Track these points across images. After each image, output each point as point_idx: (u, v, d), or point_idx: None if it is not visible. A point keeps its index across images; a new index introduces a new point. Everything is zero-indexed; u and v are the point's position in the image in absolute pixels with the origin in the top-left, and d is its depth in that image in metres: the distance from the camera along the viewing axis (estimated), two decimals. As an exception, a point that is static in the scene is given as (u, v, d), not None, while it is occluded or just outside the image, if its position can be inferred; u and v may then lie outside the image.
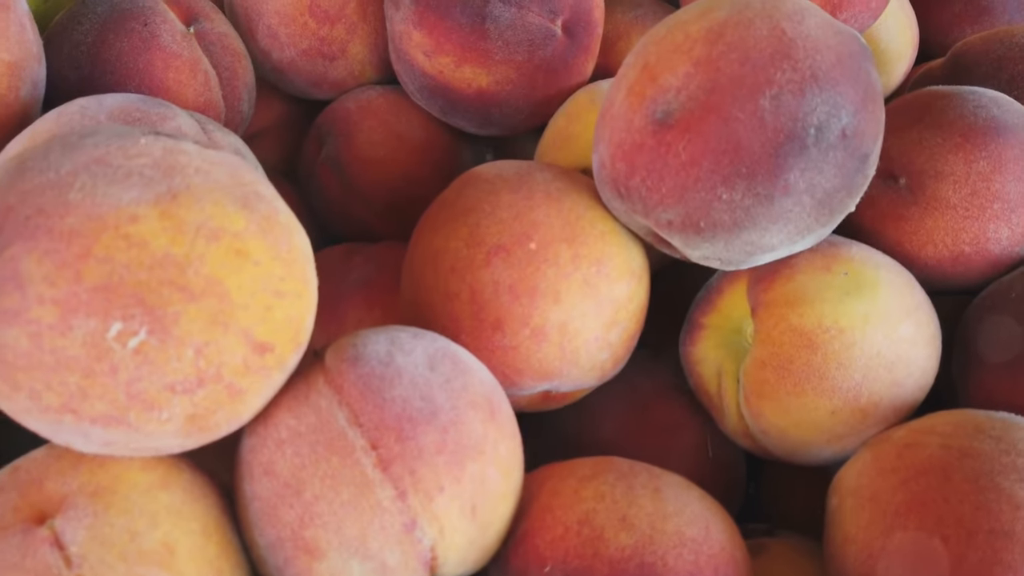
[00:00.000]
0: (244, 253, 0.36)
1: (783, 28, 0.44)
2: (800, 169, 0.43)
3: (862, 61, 0.45)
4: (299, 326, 0.39)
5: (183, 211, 0.35)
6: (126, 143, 0.37)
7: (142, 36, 0.59)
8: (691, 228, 0.46)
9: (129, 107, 0.51)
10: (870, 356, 0.48)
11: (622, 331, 0.51)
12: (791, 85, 0.43)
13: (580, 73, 0.63)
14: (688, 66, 0.44)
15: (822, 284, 0.49)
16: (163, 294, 0.34)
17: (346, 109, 0.68)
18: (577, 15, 0.61)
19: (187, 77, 0.60)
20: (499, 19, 0.58)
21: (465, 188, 0.52)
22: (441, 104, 0.63)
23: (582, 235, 0.49)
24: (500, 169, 0.53)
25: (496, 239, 0.49)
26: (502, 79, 0.60)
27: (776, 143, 0.43)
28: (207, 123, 0.54)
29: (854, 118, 0.44)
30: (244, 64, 0.65)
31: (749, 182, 0.43)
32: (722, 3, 0.46)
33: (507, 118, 0.64)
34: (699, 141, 0.44)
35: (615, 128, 0.47)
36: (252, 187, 0.39)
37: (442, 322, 0.50)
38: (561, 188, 0.51)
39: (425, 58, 0.61)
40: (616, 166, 0.47)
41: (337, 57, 0.67)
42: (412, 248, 0.53)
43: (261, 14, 0.65)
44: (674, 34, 0.46)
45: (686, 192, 0.45)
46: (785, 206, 0.44)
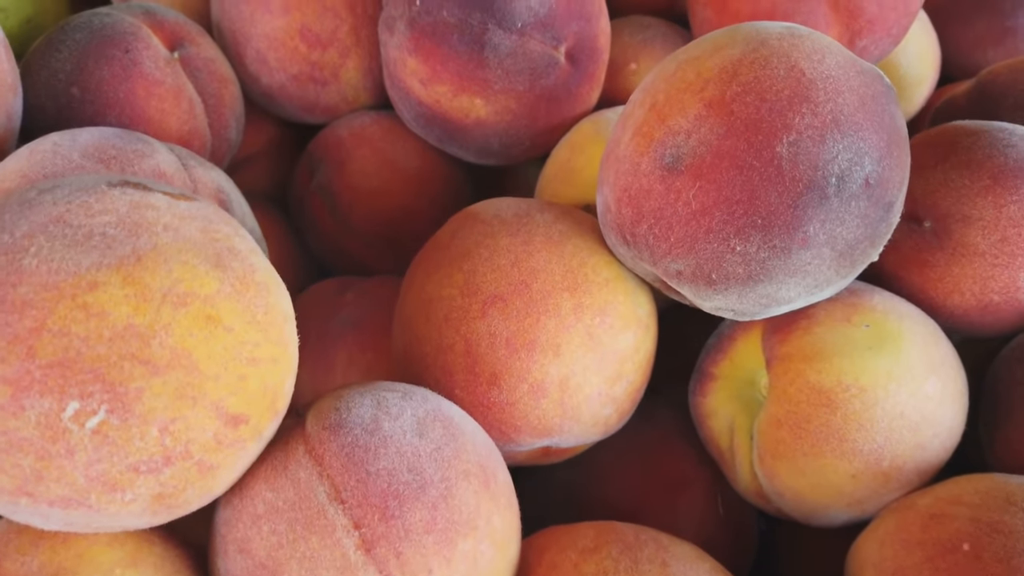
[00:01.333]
0: (215, 319, 0.33)
1: (802, 68, 0.41)
2: (820, 221, 0.40)
3: (886, 103, 0.42)
4: (276, 393, 0.36)
5: (148, 275, 0.32)
6: (89, 198, 0.34)
7: (123, 63, 0.56)
8: (702, 280, 0.43)
9: (104, 144, 0.48)
10: (893, 417, 0.44)
11: (627, 384, 0.48)
12: (811, 130, 0.39)
13: (584, 102, 0.60)
14: (699, 107, 0.41)
15: (842, 337, 0.46)
16: (124, 369, 0.31)
17: (338, 136, 0.65)
18: (581, 42, 0.58)
19: (170, 105, 0.57)
20: (499, 47, 0.55)
21: (461, 230, 0.49)
22: (438, 133, 0.60)
23: (585, 283, 0.46)
24: (498, 209, 0.50)
25: (493, 288, 0.46)
26: (502, 109, 0.57)
27: (794, 193, 0.39)
28: (188, 158, 0.51)
29: (878, 165, 0.40)
30: (231, 90, 0.62)
31: (765, 234, 0.40)
32: (736, 39, 0.43)
33: (507, 148, 0.61)
34: (711, 189, 0.40)
35: (621, 171, 0.44)
36: (226, 242, 0.36)
37: (435, 375, 0.47)
38: (563, 231, 0.48)
39: (421, 86, 0.58)
40: (622, 211, 0.44)
41: (329, 82, 0.64)
42: (404, 293, 0.50)
43: (249, 38, 0.62)
44: (685, 71, 0.43)
45: (696, 243, 0.42)
46: (804, 259, 0.41)
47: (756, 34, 0.43)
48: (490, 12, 0.54)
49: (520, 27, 0.55)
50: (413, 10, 0.56)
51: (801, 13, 0.59)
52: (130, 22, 0.58)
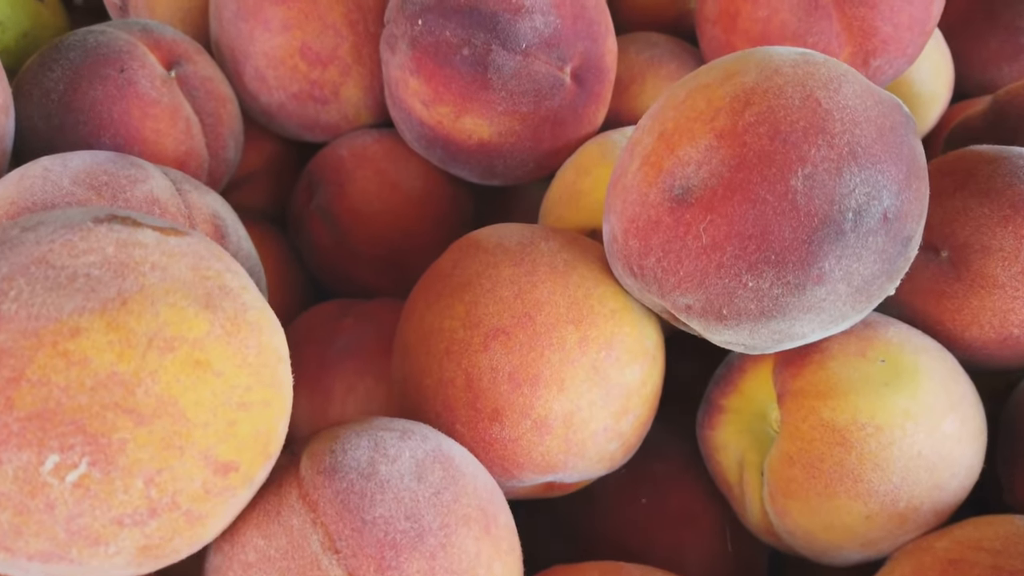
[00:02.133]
0: (204, 364, 0.32)
1: (817, 98, 0.39)
2: (836, 257, 0.38)
3: (905, 134, 0.40)
4: (269, 437, 0.35)
5: (133, 320, 0.31)
6: (73, 236, 0.33)
7: (118, 83, 0.55)
8: (712, 315, 0.41)
9: (96, 169, 0.46)
10: (910, 457, 0.43)
11: (634, 419, 0.46)
12: (826, 163, 0.38)
13: (590, 123, 0.59)
14: (710, 138, 0.40)
15: (857, 373, 0.44)
16: (107, 419, 0.30)
17: (338, 156, 0.63)
18: (588, 61, 0.56)
19: (166, 126, 0.56)
20: (502, 68, 0.53)
21: (463, 258, 0.48)
22: (440, 154, 0.59)
23: (590, 315, 0.45)
24: (501, 237, 0.48)
25: (495, 320, 0.44)
26: (505, 131, 0.56)
27: (809, 228, 0.38)
28: (183, 182, 0.50)
29: (897, 199, 0.39)
30: (230, 109, 0.61)
31: (778, 270, 0.39)
32: (748, 66, 0.41)
33: (511, 170, 0.59)
34: (722, 223, 0.39)
35: (628, 201, 0.43)
36: (217, 280, 0.35)
37: (435, 409, 0.45)
38: (567, 260, 0.46)
39: (423, 107, 0.56)
40: (629, 243, 0.43)
41: (330, 101, 0.62)
42: (404, 322, 0.48)
43: (248, 56, 0.61)
44: (695, 99, 0.42)
45: (707, 277, 0.40)
46: (818, 295, 0.39)
47: (769, 61, 0.41)
48: (494, 32, 0.53)
49: (524, 48, 0.53)
50: (415, 29, 0.54)
51: (813, 33, 0.57)
52: (126, 40, 0.57)
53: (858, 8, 0.56)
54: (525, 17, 0.53)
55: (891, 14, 0.56)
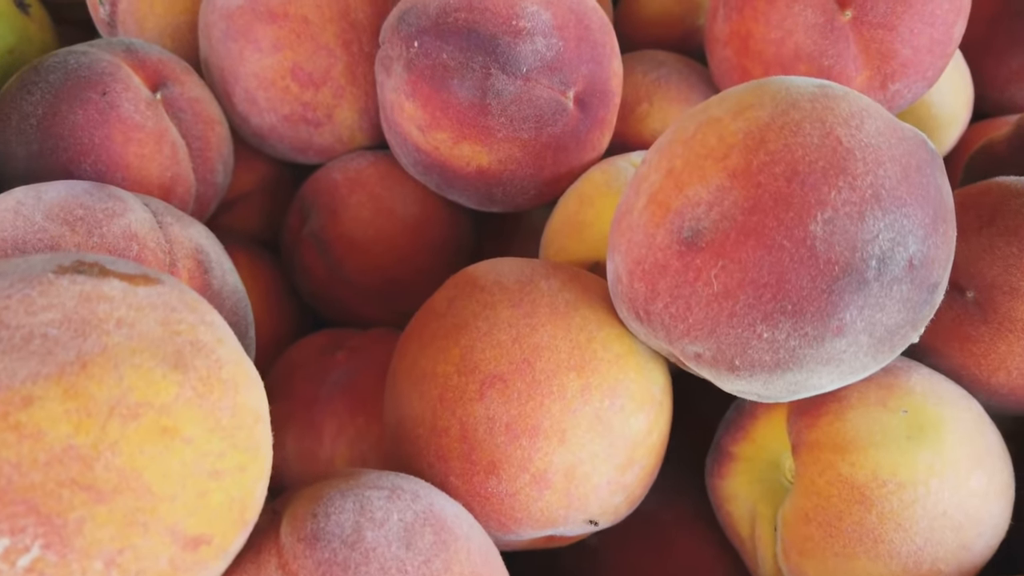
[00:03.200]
0: (172, 431, 0.29)
1: (838, 135, 0.36)
2: (858, 307, 0.36)
3: (931, 173, 0.37)
4: (245, 504, 0.32)
5: (94, 385, 0.28)
6: (32, 291, 0.30)
7: (99, 107, 0.52)
8: (724, 365, 0.39)
9: (71, 203, 0.44)
10: (935, 516, 0.40)
11: (639, 470, 0.43)
12: (848, 207, 0.35)
13: (594, 148, 0.56)
14: (722, 177, 0.37)
15: (878, 424, 0.41)
16: (63, 497, 0.27)
17: (332, 180, 0.61)
18: (592, 86, 0.54)
19: (151, 151, 0.54)
20: (502, 93, 0.51)
21: (458, 297, 0.45)
22: (437, 180, 0.56)
23: (593, 361, 0.42)
24: (499, 274, 0.46)
25: (492, 366, 0.42)
26: (505, 158, 0.53)
27: (830, 277, 0.35)
28: (165, 213, 0.47)
29: (923, 244, 0.36)
30: (219, 131, 0.59)
31: (796, 320, 0.36)
32: (763, 99, 0.39)
33: (511, 197, 0.56)
34: (735, 269, 0.36)
35: (634, 241, 0.40)
36: (189, 335, 0.32)
37: (428, 459, 0.43)
38: (569, 301, 0.44)
39: (419, 132, 0.53)
40: (634, 286, 0.40)
41: (323, 123, 0.60)
42: (397, 364, 0.46)
43: (238, 77, 0.58)
44: (705, 134, 0.39)
45: (718, 326, 0.37)
46: (838, 347, 0.37)
47: (786, 93, 0.38)
48: (493, 56, 0.50)
49: (525, 72, 0.51)
50: (411, 52, 0.52)
51: (828, 56, 0.54)
52: (108, 61, 0.54)
53: (876, 30, 0.53)
54: (526, 40, 0.50)
55: (911, 36, 0.53)
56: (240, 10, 0.57)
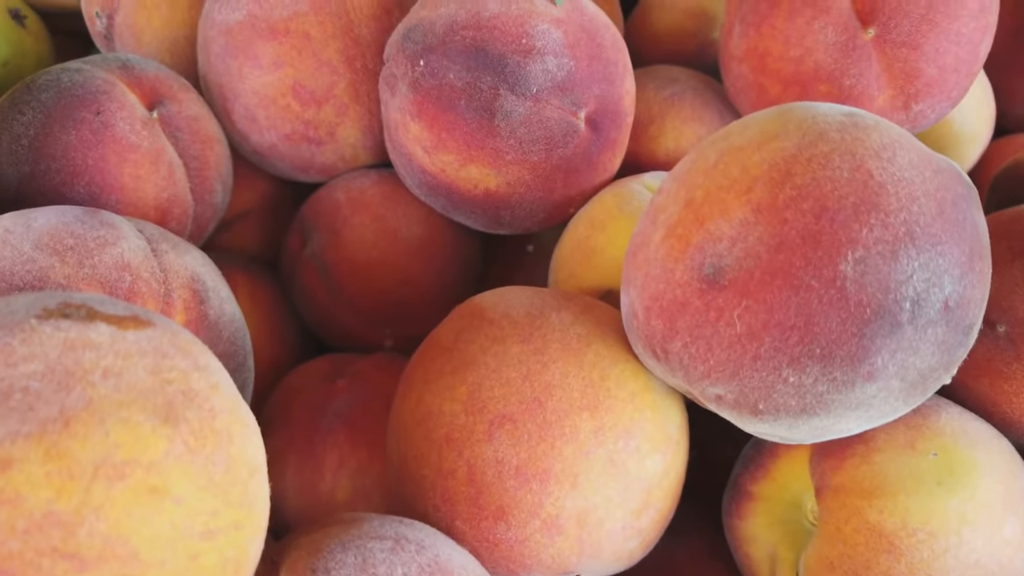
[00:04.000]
0: (161, 491, 0.28)
1: (869, 169, 0.34)
2: (890, 351, 0.34)
3: (967, 208, 0.35)
4: (240, 563, 0.31)
5: (77, 445, 0.26)
6: (13, 339, 0.28)
7: (93, 127, 0.50)
8: (746, 408, 0.37)
9: (62, 231, 0.42)
10: (967, 566, 0.38)
11: (655, 513, 0.41)
12: (880, 246, 0.33)
13: (606, 170, 0.54)
14: (746, 212, 0.35)
15: (906, 469, 0.39)
16: (43, 567, 0.25)
17: (334, 201, 0.59)
18: (604, 105, 0.52)
19: (147, 171, 0.52)
20: (511, 114, 0.49)
21: (466, 331, 0.43)
22: (443, 202, 0.54)
23: (607, 400, 0.40)
24: (508, 306, 0.44)
25: (501, 406, 0.40)
26: (514, 180, 0.51)
27: (861, 320, 0.33)
28: (160, 240, 0.46)
29: (959, 284, 0.34)
30: (217, 150, 0.57)
31: (825, 365, 0.34)
32: (788, 128, 0.37)
33: (520, 220, 0.55)
34: (760, 310, 0.34)
35: (651, 276, 0.38)
36: (181, 383, 0.30)
37: (433, 501, 0.41)
38: (582, 335, 0.42)
39: (424, 153, 0.52)
40: (651, 323, 0.38)
41: (325, 142, 0.58)
42: (401, 400, 0.44)
43: (237, 94, 0.56)
44: (727, 165, 0.37)
45: (741, 369, 0.35)
46: (868, 392, 0.35)
47: (812, 123, 0.36)
48: (502, 76, 0.48)
49: (535, 92, 0.49)
50: (416, 71, 0.50)
51: (850, 75, 0.52)
52: (103, 79, 0.52)
53: (900, 49, 0.51)
54: (536, 59, 0.48)
55: (936, 56, 0.51)
56: (239, 26, 0.55)
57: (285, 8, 0.55)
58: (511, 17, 0.49)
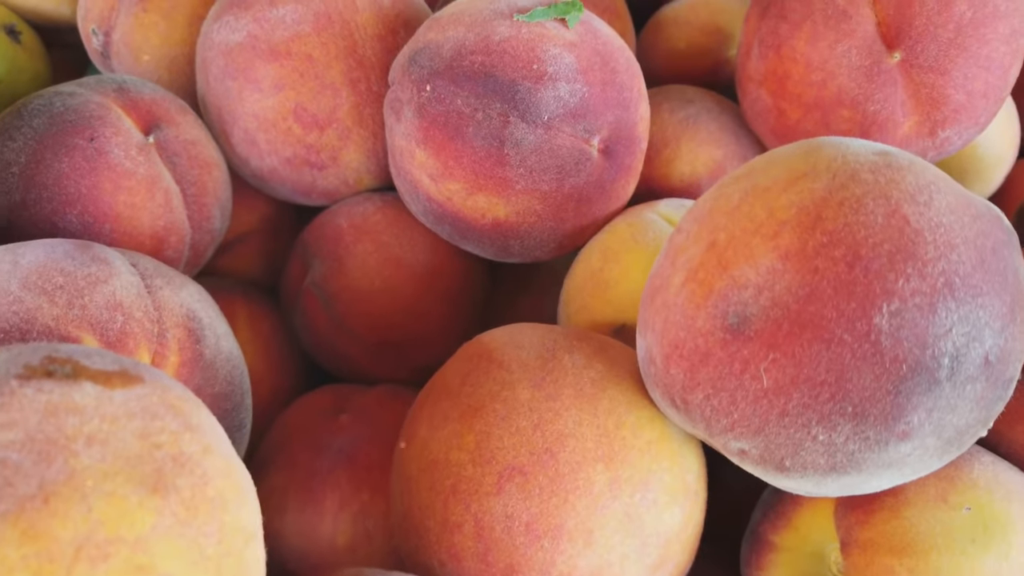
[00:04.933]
0: (148, 569, 0.26)
1: (905, 214, 0.32)
2: (927, 410, 0.32)
3: (1008, 256, 0.33)
4: (234, 638, 0.29)
5: (57, 524, 0.24)
6: (-11, 404, 0.26)
7: (87, 154, 0.48)
8: (772, 464, 0.35)
9: (51, 269, 0.40)
10: (1003, 630, 0.36)
11: (673, 568, 0.39)
12: (917, 297, 0.31)
13: (619, 198, 0.52)
14: (773, 258, 0.33)
15: (938, 524, 0.37)
16: (19, 660, 0.23)
17: (336, 227, 0.57)
18: (618, 132, 0.50)
19: (142, 199, 0.50)
20: (521, 143, 0.47)
21: (473, 373, 0.41)
22: (449, 231, 0.52)
23: (623, 450, 0.38)
24: (518, 346, 0.42)
25: (511, 457, 0.38)
26: (524, 210, 0.49)
27: (896, 377, 0.31)
28: (154, 275, 0.44)
29: (1000, 337, 0.32)
30: (216, 175, 0.55)
31: (856, 424, 0.32)
32: (817, 167, 0.35)
33: (529, 250, 0.53)
34: (788, 364, 0.32)
35: (670, 321, 0.36)
36: (171, 447, 0.28)
37: (439, 556, 0.39)
38: (596, 379, 0.40)
39: (430, 181, 0.50)
40: (671, 372, 0.36)
41: (327, 166, 0.56)
42: (406, 446, 0.42)
43: (237, 117, 0.54)
44: (752, 206, 0.35)
45: (767, 425, 0.33)
46: (902, 451, 0.33)
47: (843, 162, 0.34)
48: (512, 103, 0.46)
49: (547, 120, 0.47)
50: (423, 96, 0.48)
51: (874, 100, 0.50)
52: (97, 103, 0.50)
53: (928, 74, 0.49)
54: (548, 85, 0.46)
55: (965, 81, 0.49)
56: (239, 47, 0.53)
57: (287, 29, 0.53)
58: (522, 41, 0.47)
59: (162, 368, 0.41)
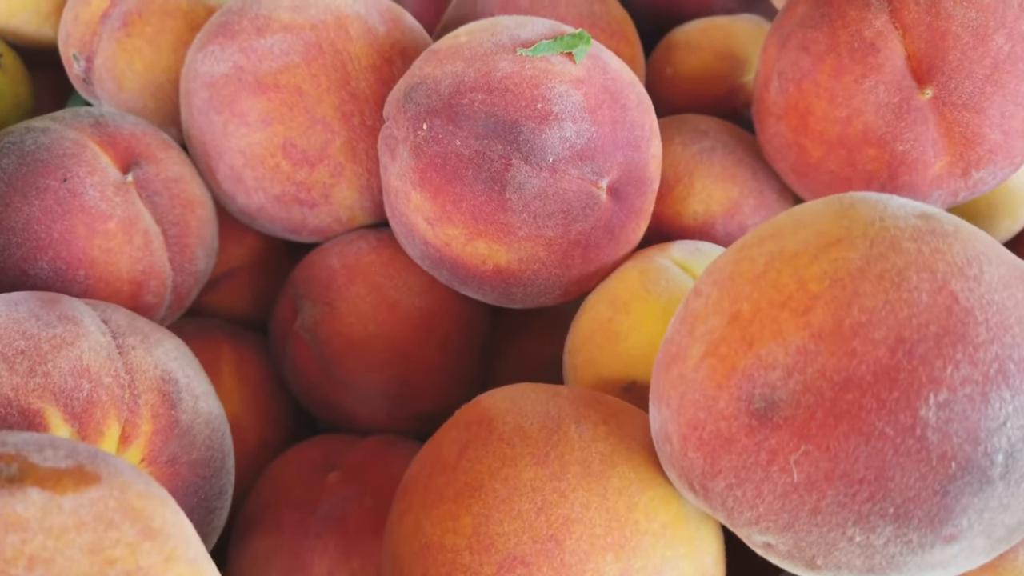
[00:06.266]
0: None
1: (953, 290, 0.29)
2: (978, 511, 0.28)
3: (1069, 334, 0.30)
4: None
5: (-14, 672, 0.21)
6: (-83, 523, 0.23)
7: (59, 195, 0.45)
8: (801, 560, 0.31)
9: (12, 331, 0.37)
10: None
11: (688, 661, 0.36)
12: (968, 386, 0.28)
13: (629, 241, 0.49)
14: (805, 337, 0.30)
15: (982, 621, 0.34)
16: None
17: (328, 268, 0.54)
18: (628, 172, 0.46)
19: (119, 243, 0.47)
20: (524, 187, 0.43)
21: (471, 444, 0.38)
22: (448, 276, 0.49)
23: (635, 536, 0.35)
24: (520, 415, 0.38)
25: (512, 544, 0.34)
26: (527, 257, 0.46)
27: (944, 476, 0.28)
28: (127, 332, 0.40)
29: (1060, 428, 0.29)
30: (200, 214, 0.52)
31: (898, 526, 0.28)
32: (852, 231, 0.31)
33: (533, 297, 0.49)
34: (821, 457, 0.29)
35: (688, 399, 0.33)
36: (128, 561, 0.25)
37: (434, 648, 0.35)
38: (605, 455, 0.37)
39: (427, 225, 0.46)
40: (689, 455, 0.33)
41: (319, 204, 0.53)
42: (396, 524, 0.39)
43: (222, 153, 0.51)
44: (779, 274, 0.31)
45: (797, 521, 0.30)
46: (948, 553, 0.29)
47: (881, 226, 0.31)
48: (515, 144, 0.43)
49: (552, 162, 0.43)
50: (419, 136, 0.44)
51: (904, 140, 0.47)
52: (72, 140, 0.47)
53: (962, 112, 0.46)
54: (553, 126, 0.43)
55: (1001, 120, 0.46)
56: (224, 79, 0.50)
57: (275, 60, 0.49)
58: (525, 78, 0.43)
59: (135, 438, 0.38)
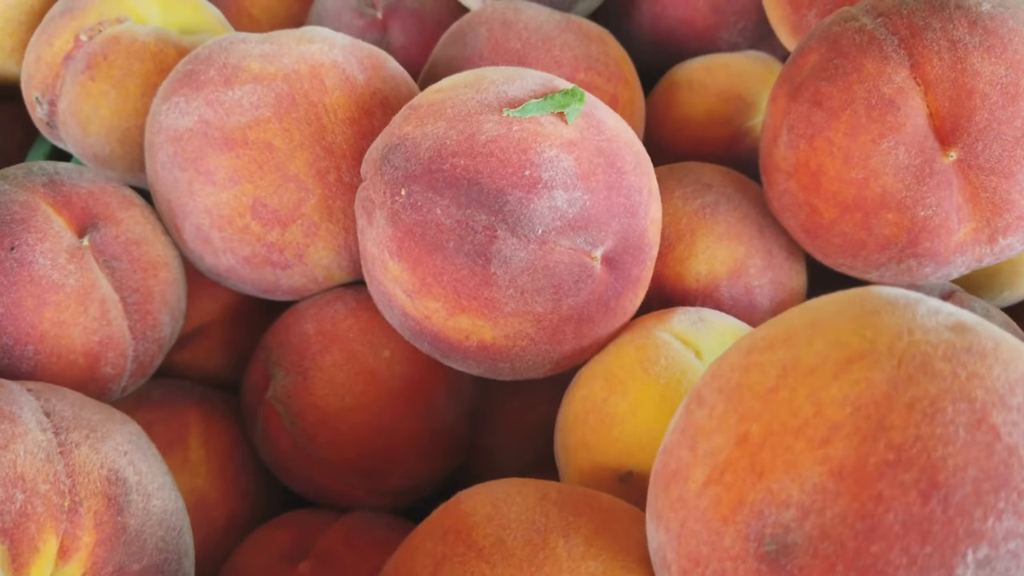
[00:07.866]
0: None
1: (994, 424, 0.25)
2: None
3: None
4: None
5: None
6: None
7: (6, 265, 0.42)
8: None
9: (-64, 434, 0.33)
10: None
11: None
12: (1012, 541, 0.24)
13: (625, 313, 0.45)
14: (823, 474, 0.26)
15: None
16: None
17: (302, 334, 0.50)
18: (625, 240, 0.42)
19: (72, 314, 0.43)
20: (510, 260, 0.40)
21: (447, 561, 0.34)
22: (429, 349, 0.45)
23: (628, 674, 0.31)
24: (503, 522, 0.35)
25: None
26: (514, 333, 0.42)
27: (986, 646, 0.24)
28: (72, 428, 0.37)
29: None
30: (164, 276, 0.48)
31: None
32: (876, 344, 0.27)
33: (521, 372, 0.45)
34: (842, 616, 0.25)
35: (690, 528, 0.29)
36: None
37: None
38: (595, 574, 0.33)
39: (406, 297, 0.43)
40: (689, 591, 0.29)
41: (292, 265, 0.49)
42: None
43: (187, 211, 0.48)
44: (794, 393, 0.28)
45: None
46: None
47: (910, 340, 0.27)
48: (500, 215, 0.39)
49: (541, 234, 0.40)
50: (396, 202, 0.41)
51: (925, 205, 0.43)
52: (21, 203, 0.44)
53: (989, 176, 0.42)
54: (542, 195, 0.39)
55: (1032, 184, 0.42)
56: (189, 133, 0.46)
57: (243, 113, 0.46)
58: (512, 142, 0.40)
59: (75, 552, 0.34)
